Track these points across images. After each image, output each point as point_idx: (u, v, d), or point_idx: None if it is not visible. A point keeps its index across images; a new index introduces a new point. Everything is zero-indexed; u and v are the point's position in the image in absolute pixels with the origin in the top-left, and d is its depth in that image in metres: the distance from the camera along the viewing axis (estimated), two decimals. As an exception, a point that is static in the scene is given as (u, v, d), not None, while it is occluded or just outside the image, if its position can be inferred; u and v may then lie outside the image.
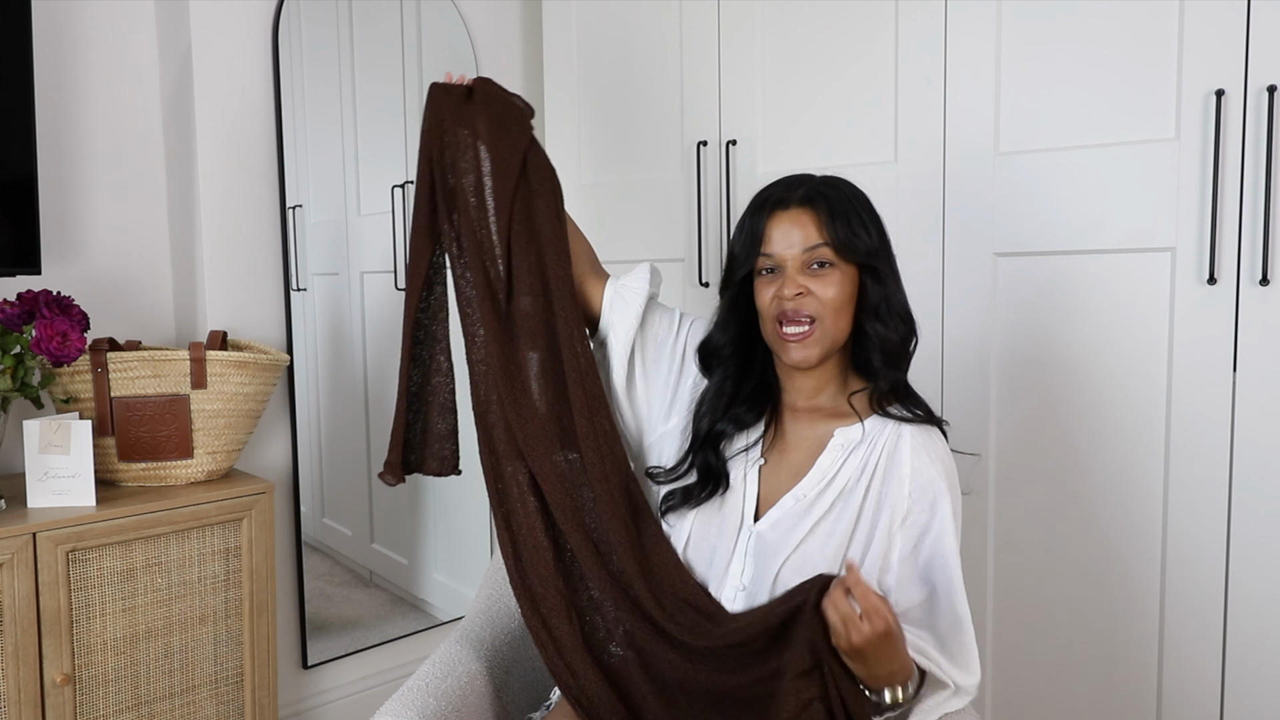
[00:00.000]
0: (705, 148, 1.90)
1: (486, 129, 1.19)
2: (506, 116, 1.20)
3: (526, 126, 1.22)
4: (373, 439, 2.17)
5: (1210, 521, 1.41)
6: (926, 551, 1.02)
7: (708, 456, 1.10)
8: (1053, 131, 1.51)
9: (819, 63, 1.76)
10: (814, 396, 1.10)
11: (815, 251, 1.03)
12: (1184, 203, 1.39)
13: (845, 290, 1.04)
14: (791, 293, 1.03)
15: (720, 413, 1.10)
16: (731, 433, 1.10)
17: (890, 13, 1.66)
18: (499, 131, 1.19)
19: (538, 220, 1.18)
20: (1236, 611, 1.40)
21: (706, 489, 1.09)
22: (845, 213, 1.03)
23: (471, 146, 1.19)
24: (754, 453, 1.10)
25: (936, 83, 1.62)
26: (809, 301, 1.03)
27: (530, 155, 1.20)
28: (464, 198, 1.19)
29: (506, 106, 1.22)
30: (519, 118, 1.22)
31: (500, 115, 1.20)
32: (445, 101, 1.21)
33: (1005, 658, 1.62)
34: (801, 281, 1.03)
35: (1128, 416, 1.48)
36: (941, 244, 1.62)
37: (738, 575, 1.08)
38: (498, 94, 1.22)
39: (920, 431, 1.05)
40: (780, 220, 1.05)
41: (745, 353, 1.12)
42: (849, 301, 1.04)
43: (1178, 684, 1.45)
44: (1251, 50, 1.32)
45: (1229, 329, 1.37)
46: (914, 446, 1.04)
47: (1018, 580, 1.60)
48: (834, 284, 1.03)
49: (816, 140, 1.77)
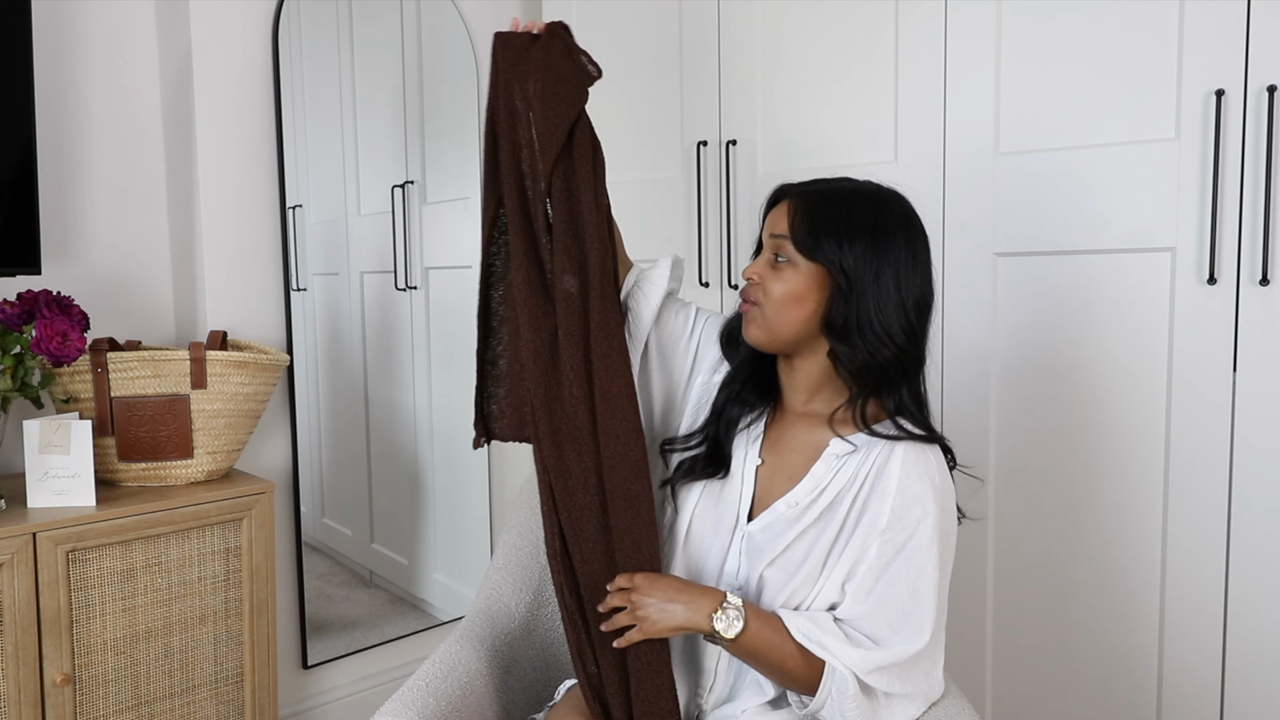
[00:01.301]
0: (705, 148, 1.90)
1: (537, 94, 1.13)
2: (559, 83, 1.14)
3: (579, 96, 1.15)
4: (373, 439, 2.17)
5: (1210, 521, 1.41)
6: (896, 568, 1.00)
7: (719, 432, 1.12)
8: (1053, 131, 1.51)
9: (819, 63, 1.76)
10: (809, 400, 1.10)
11: (778, 242, 1.05)
12: (1184, 203, 1.39)
13: (797, 289, 1.03)
14: (745, 274, 1.08)
15: (735, 390, 1.13)
16: (738, 416, 1.12)
17: (890, 13, 1.66)
18: (548, 99, 1.13)
19: (579, 202, 1.14)
20: (1236, 611, 1.40)
21: (710, 466, 1.11)
22: (827, 215, 1.02)
23: (522, 113, 1.14)
24: (754, 446, 1.11)
25: (936, 83, 1.62)
26: (755, 289, 1.06)
27: (577, 129, 1.14)
28: (514, 163, 1.15)
29: (561, 72, 1.14)
30: (574, 85, 1.15)
31: (552, 82, 1.13)
32: (504, 55, 1.15)
33: (1005, 658, 1.62)
34: (758, 269, 1.06)
35: (1128, 416, 1.48)
36: (941, 244, 1.62)
37: (733, 575, 1.09)
38: (559, 52, 1.15)
39: (915, 448, 1.03)
40: (776, 208, 1.08)
41: None
42: (801, 301, 1.03)
43: (1178, 684, 1.45)
44: (1251, 50, 1.32)
45: (1229, 329, 1.37)
46: (905, 463, 1.02)
47: (1017, 579, 1.60)
48: (784, 280, 1.04)
49: (816, 140, 1.77)
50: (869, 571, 1.01)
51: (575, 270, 1.12)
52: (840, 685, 0.99)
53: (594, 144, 1.16)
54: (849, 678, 0.98)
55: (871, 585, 1.01)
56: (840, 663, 0.99)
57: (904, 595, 1.00)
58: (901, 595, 1.00)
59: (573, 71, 1.15)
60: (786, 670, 1.01)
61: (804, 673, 1.01)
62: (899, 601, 1.00)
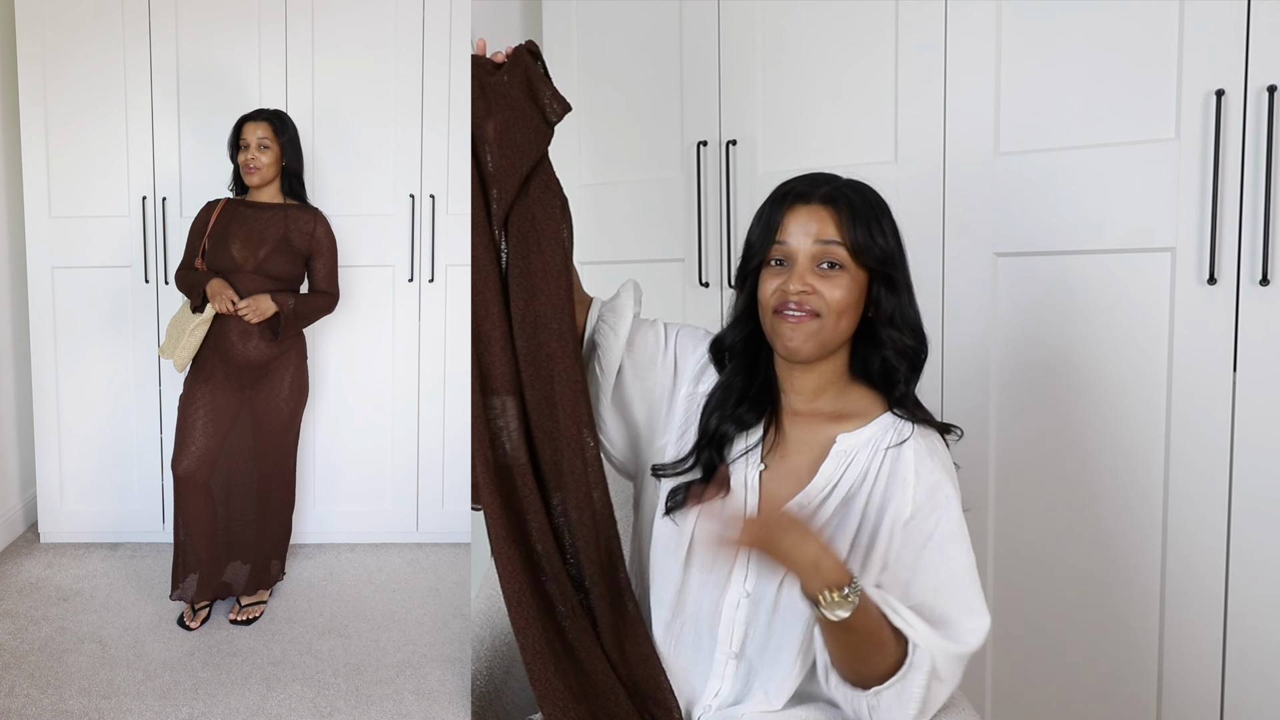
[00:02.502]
0: (705, 148, 1.90)
1: (494, 136, 1.08)
2: (516, 124, 1.08)
3: (539, 138, 1.09)
4: None
5: (1210, 521, 1.41)
6: (929, 556, 1.01)
7: (711, 455, 1.09)
8: (1053, 131, 1.51)
9: (819, 63, 1.76)
10: (814, 399, 1.09)
11: (829, 249, 1.01)
12: (1184, 203, 1.39)
13: (853, 294, 1.02)
14: (797, 288, 1.01)
15: (729, 409, 1.09)
16: (733, 434, 1.09)
17: (890, 13, 1.66)
18: (504, 143, 1.08)
19: (531, 258, 1.09)
20: (1236, 611, 1.40)
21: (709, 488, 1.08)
22: (866, 217, 1.02)
23: (483, 154, 1.09)
24: (754, 456, 1.09)
25: (936, 83, 1.61)
26: (814, 299, 1.01)
27: (534, 178, 1.09)
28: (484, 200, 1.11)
29: (520, 110, 1.08)
30: (533, 127, 1.08)
31: (509, 123, 1.08)
32: (473, 83, 1.08)
33: (1005, 657, 1.62)
34: (810, 280, 1.01)
35: (1128, 416, 1.48)
36: (941, 244, 1.62)
37: (740, 582, 1.07)
38: (519, 87, 1.08)
39: (925, 437, 1.04)
40: (799, 213, 1.03)
41: (754, 350, 1.11)
42: (854, 306, 1.03)
43: (1178, 684, 1.45)
44: (1251, 50, 1.33)
45: (1229, 329, 1.37)
46: (917, 452, 1.02)
47: (1017, 579, 1.60)
48: (842, 286, 1.01)
49: (816, 140, 1.77)
50: (898, 561, 1.01)
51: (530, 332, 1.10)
52: (919, 663, 0.95)
53: (553, 193, 1.11)
54: (927, 658, 0.95)
55: (909, 577, 1.00)
56: (925, 642, 0.95)
57: (945, 581, 0.99)
58: (943, 581, 0.99)
59: (533, 111, 1.08)
60: (868, 649, 0.96)
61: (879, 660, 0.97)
62: (942, 588, 0.99)
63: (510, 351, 1.10)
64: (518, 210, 1.10)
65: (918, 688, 0.96)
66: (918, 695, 0.96)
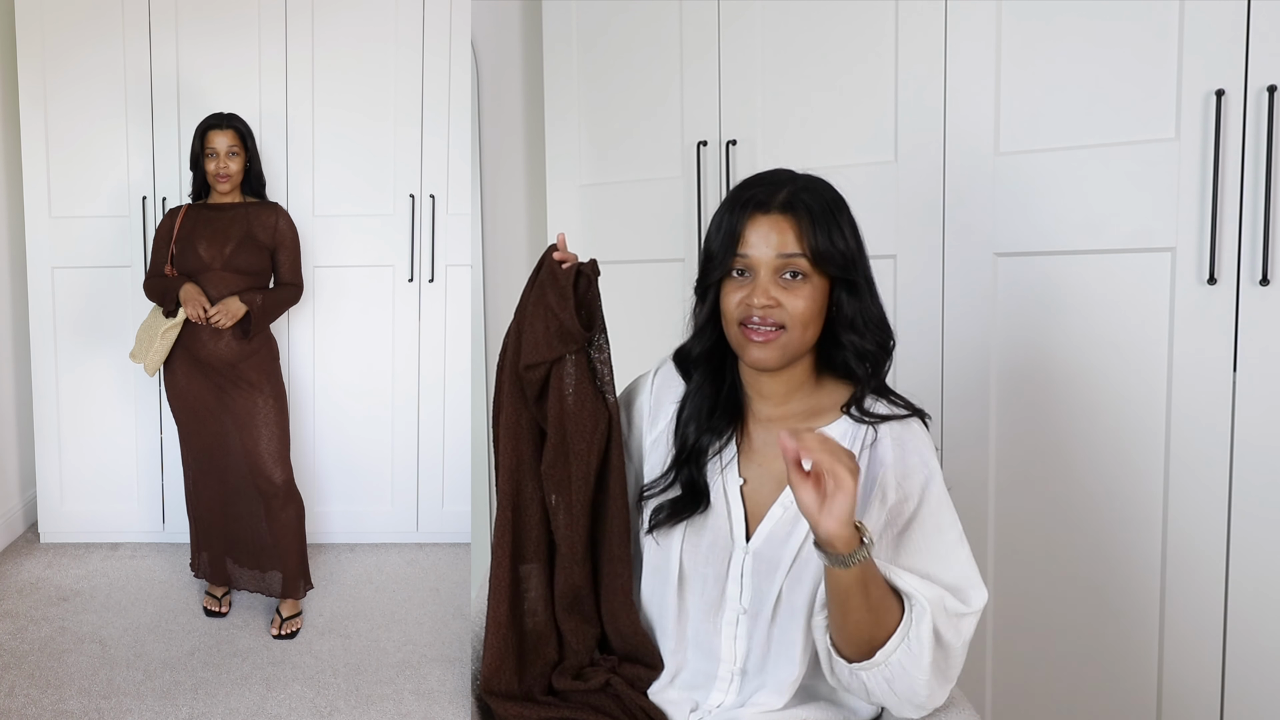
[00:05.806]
0: (705, 148, 1.90)
1: (524, 326, 1.12)
2: (540, 324, 1.10)
3: (560, 344, 1.09)
4: None
5: (1210, 522, 1.41)
6: (917, 532, 1.02)
7: (690, 471, 1.08)
8: (1053, 131, 1.51)
9: (819, 63, 1.75)
10: (785, 402, 1.09)
11: (791, 260, 1.01)
12: (1184, 203, 1.39)
13: (816, 302, 1.02)
14: (761, 303, 1.01)
15: (704, 420, 1.09)
16: (707, 445, 1.09)
17: (890, 13, 1.66)
18: (527, 336, 1.11)
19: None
20: (1236, 611, 1.40)
21: (690, 504, 1.08)
22: (825, 221, 1.01)
23: (513, 332, 1.14)
24: (730, 471, 1.09)
25: (936, 83, 1.61)
26: (778, 312, 1.01)
27: (553, 376, 1.11)
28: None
29: (549, 311, 1.09)
30: (554, 333, 1.09)
31: (536, 319, 1.10)
32: (533, 273, 1.13)
33: (1005, 657, 1.62)
34: (773, 294, 1.01)
35: (1128, 416, 1.48)
36: (941, 244, 1.62)
37: (735, 599, 1.07)
38: (554, 295, 1.09)
39: (899, 425, 1.04)
40: (759, 223, 1.02)
41: (720, 358, 1.11)
42: (818, 314, 1.03)
43: (1178, 684, 1.45)
44: (1251, 50, 1.33)
45: (1229, 329, 1.37)
46: (894, 438, 1.03)
47: (1017, 578, 1.60)
48: (804, 296, 1.01)
49: (816, 140, 1.77)
50: (889, 547, 1.02)
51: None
52: (919, 615, 0.94)
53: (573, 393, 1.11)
54: (926, 607, 0.94)
55: (896, 556, 1.01)
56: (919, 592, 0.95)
57: (938, 555, 1.00)
58: (935, 555, 1.00)
59: (553, 321, 1.09)
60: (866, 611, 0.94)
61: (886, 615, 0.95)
62: (933, 564, 1.00)
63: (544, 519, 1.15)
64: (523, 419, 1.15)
65: (926, 636, 0.94)
66: (928, 645, 0.94)
